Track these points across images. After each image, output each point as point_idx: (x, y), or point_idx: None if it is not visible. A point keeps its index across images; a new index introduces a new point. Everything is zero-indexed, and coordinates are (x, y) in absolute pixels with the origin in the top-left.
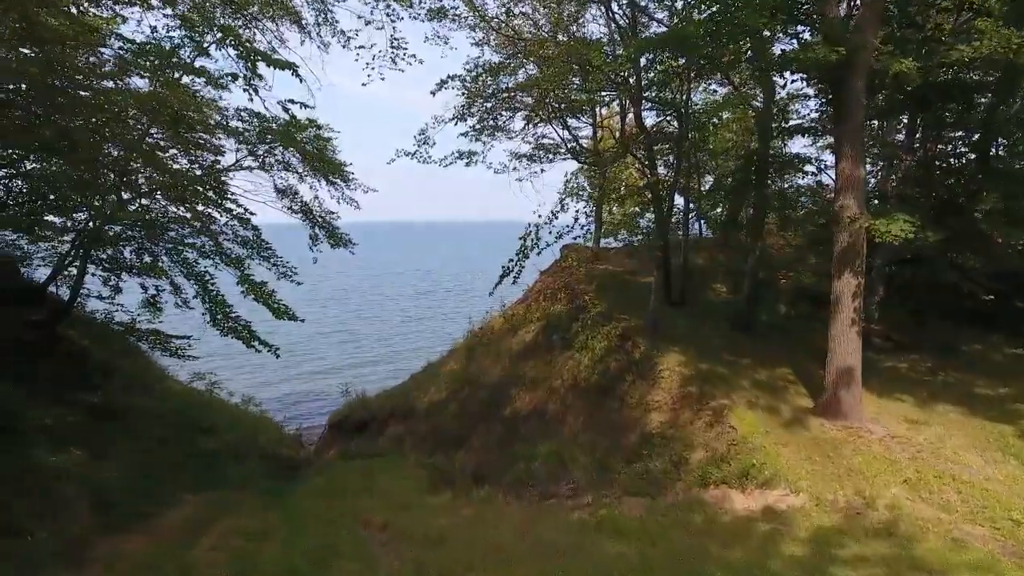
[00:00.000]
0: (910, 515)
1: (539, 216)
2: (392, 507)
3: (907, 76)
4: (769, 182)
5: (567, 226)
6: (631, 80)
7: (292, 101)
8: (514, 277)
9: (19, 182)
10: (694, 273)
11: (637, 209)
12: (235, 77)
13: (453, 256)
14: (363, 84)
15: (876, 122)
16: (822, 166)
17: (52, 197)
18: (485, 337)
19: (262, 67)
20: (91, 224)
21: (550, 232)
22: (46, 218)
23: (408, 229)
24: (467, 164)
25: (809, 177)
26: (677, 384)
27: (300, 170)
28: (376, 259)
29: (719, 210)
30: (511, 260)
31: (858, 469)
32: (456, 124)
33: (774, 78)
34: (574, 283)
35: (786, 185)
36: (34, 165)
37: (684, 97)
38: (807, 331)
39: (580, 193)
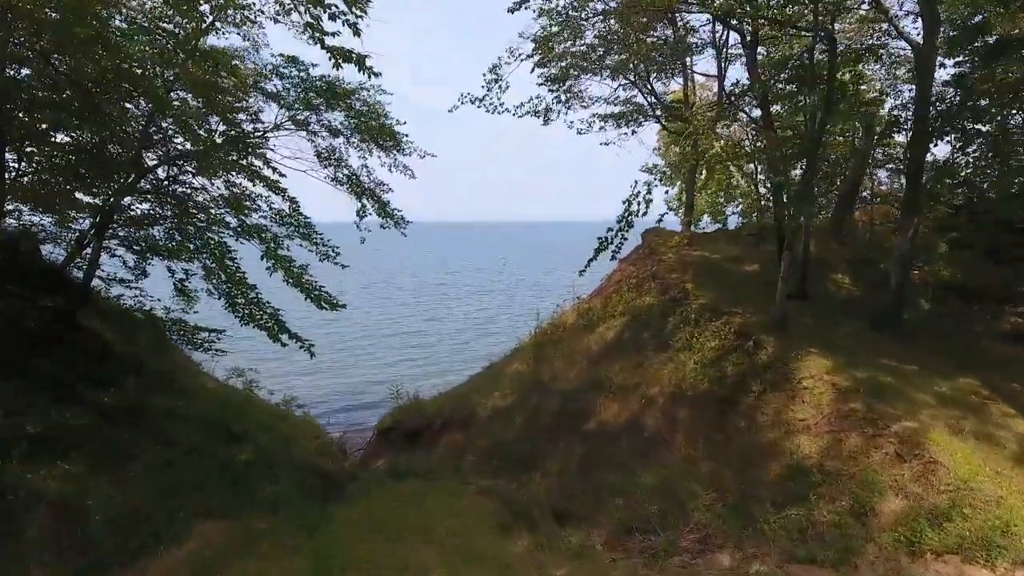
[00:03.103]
0: None
1: (649, 171)
2: (453, 557)
3: None
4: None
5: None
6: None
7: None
8: (613, 251)
9: (46, 155)
10: (808, 262)
11: (738, 185)
12: None
13: (510, 256)
14: None
15: None
16: None
17: (83, 171)
18: (555, 334)
19: None
20: (109, 197)
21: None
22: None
23: (445, 230)
24: (544, 122)
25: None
26: (830, 397)
27: (345, 131)
28: (429, 258)
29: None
30: (610, 230)
31: None
32: (533, 70)
33: None
34: (664, 271)
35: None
36: (61, 137)
37: (830, 18)
38: (967, 333)
39: (669, 168)
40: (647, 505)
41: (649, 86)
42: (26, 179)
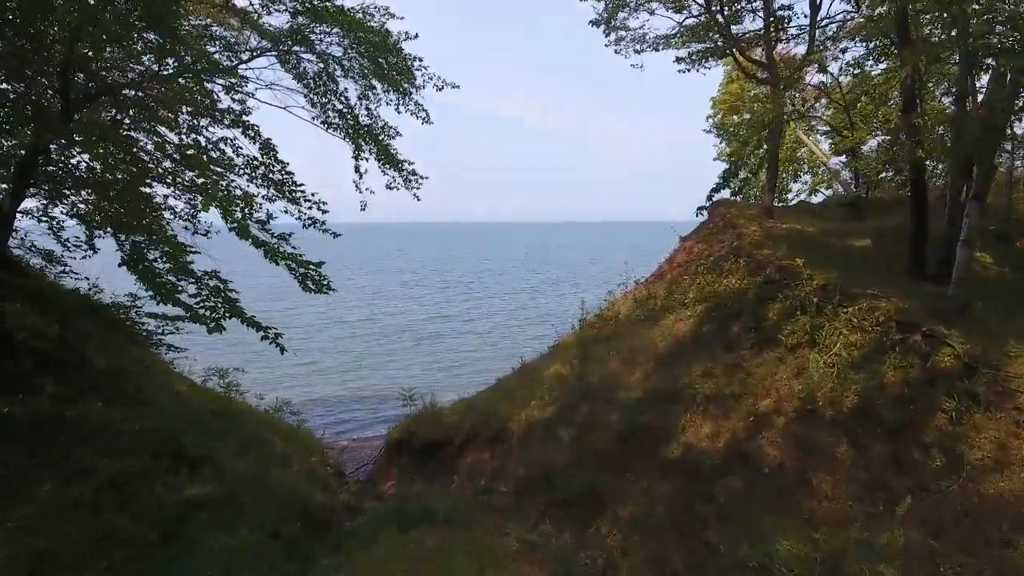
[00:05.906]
0: None
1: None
2: None
3: None
4: None
5: None
6: None
7: None
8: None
9: None
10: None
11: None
12: None
13: (528, 255)
14: None
15: None
16: None
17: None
18: (606, 328)
19: None
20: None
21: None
22: None
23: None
24: (607, 32)
25: None
26: None
27: (344, 54)
28: (441, 259)
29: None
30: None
31: None
32: None
33: None
34: (751, 247)
35: None
36: None
37: None
38: None
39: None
40: None
41: (721, 17)
42: None
